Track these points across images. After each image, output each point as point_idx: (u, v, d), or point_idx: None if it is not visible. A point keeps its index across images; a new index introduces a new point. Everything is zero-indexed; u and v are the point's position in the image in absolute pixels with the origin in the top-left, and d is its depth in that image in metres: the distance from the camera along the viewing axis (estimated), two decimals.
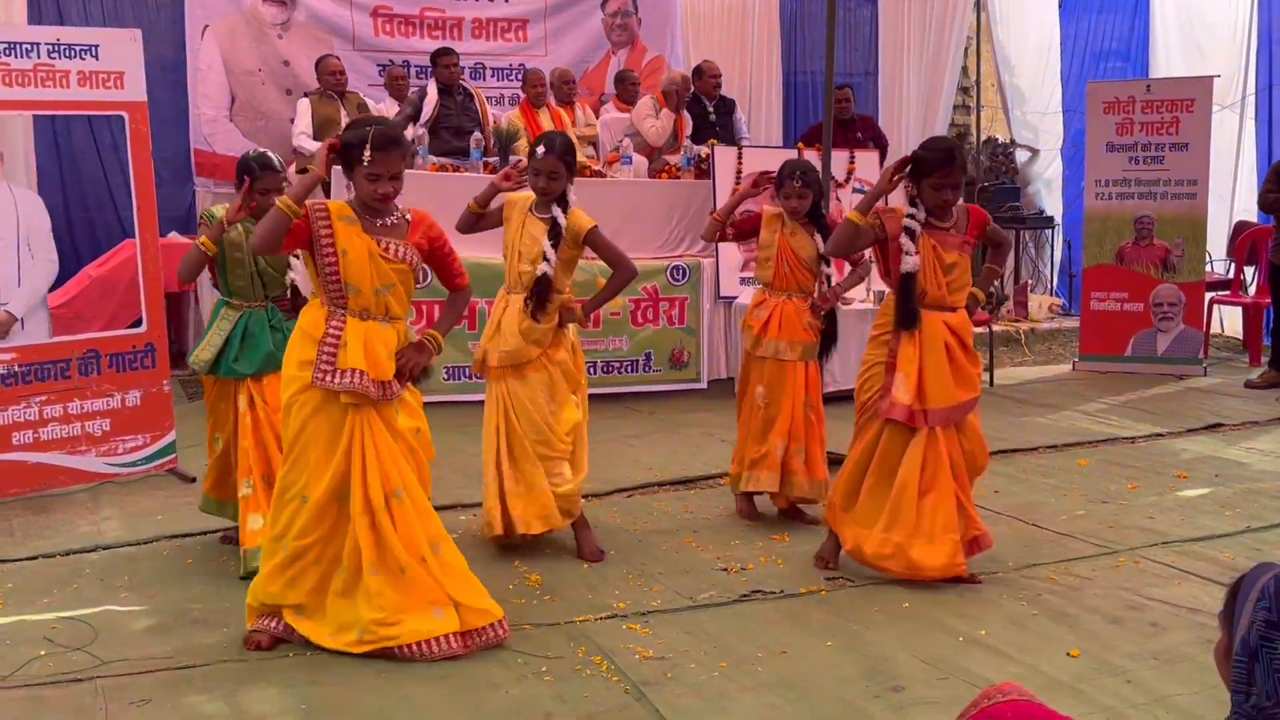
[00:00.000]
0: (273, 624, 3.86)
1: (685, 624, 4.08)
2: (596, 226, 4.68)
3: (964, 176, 4.43)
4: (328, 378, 3.70)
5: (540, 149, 4.59)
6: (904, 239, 4.35)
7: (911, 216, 4.37)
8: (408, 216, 3.89)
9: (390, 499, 3.77)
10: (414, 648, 3.73)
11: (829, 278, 5.23)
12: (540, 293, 4.60)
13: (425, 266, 4.01)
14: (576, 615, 4.13)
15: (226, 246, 4.54)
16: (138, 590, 4.38)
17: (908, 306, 4.38)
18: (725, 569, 4.65)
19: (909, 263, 4.34)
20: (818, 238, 5.16)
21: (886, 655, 3.83)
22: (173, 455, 5.90)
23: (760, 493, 5.32)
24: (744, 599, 4.33)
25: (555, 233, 4.60)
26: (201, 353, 4.57)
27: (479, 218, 4.78)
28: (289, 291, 4.70)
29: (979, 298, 4.59)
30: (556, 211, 4.61)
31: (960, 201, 4.51)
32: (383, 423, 3.80)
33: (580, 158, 8.61)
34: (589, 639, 3.92)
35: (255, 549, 4.29)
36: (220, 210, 4.57)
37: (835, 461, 5.62)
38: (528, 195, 4.72)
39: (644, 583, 4.48)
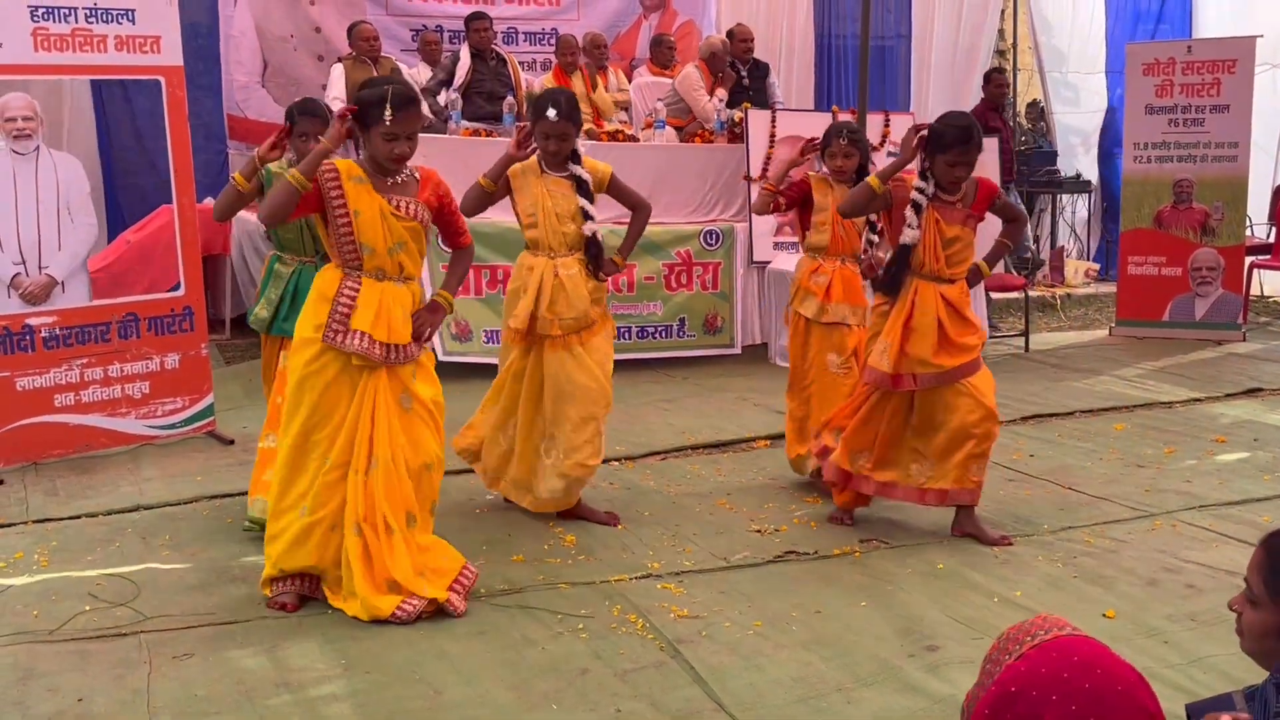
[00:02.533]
0: (292, 584, 3.86)
1: (719, 584, 4.10)
2: (613, 171, 4.67)
3: (979, 154, 4.39)
4: (338, 337, 3.70)
5: (551, 112, 4.44)
6: (908, 211, 4.36)
7: (920, 190, 4.36)
8: (415, 174, 3.88)
9: (386, 462, 3.76)
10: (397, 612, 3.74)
11: (873, 243, 5.11)
12: (597, 251, 4.57)
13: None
14: (612, 575, 4.16)
15: None
16: (178, 549, 4.44)
17: (896, 275, 4.45)
18: (759, 530, 4.67)
19: (908, 235, 4.38)
20: None
21: (921, 615, 3.83)
22: (211, 418, 5.96)
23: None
24: (778, 560, 4.35)
25: (584, 188, 4.55)
26: (260, 310, 4.58)
27: (490, 196, 4.61)
28: None
29: (984, 271, 4.58)
30: (574, 168, 4.56)
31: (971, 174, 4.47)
32: (395, 385, 3.79)
33: (614, 123, 8.62)
34: (624, 598, 3.94)
35: (261, 499, 4.31)
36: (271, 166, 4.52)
37: None
38: (530, 160, 4.59)
39: (678, 544, 4.50)
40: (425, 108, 7.83)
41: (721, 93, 8.65)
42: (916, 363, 4.41)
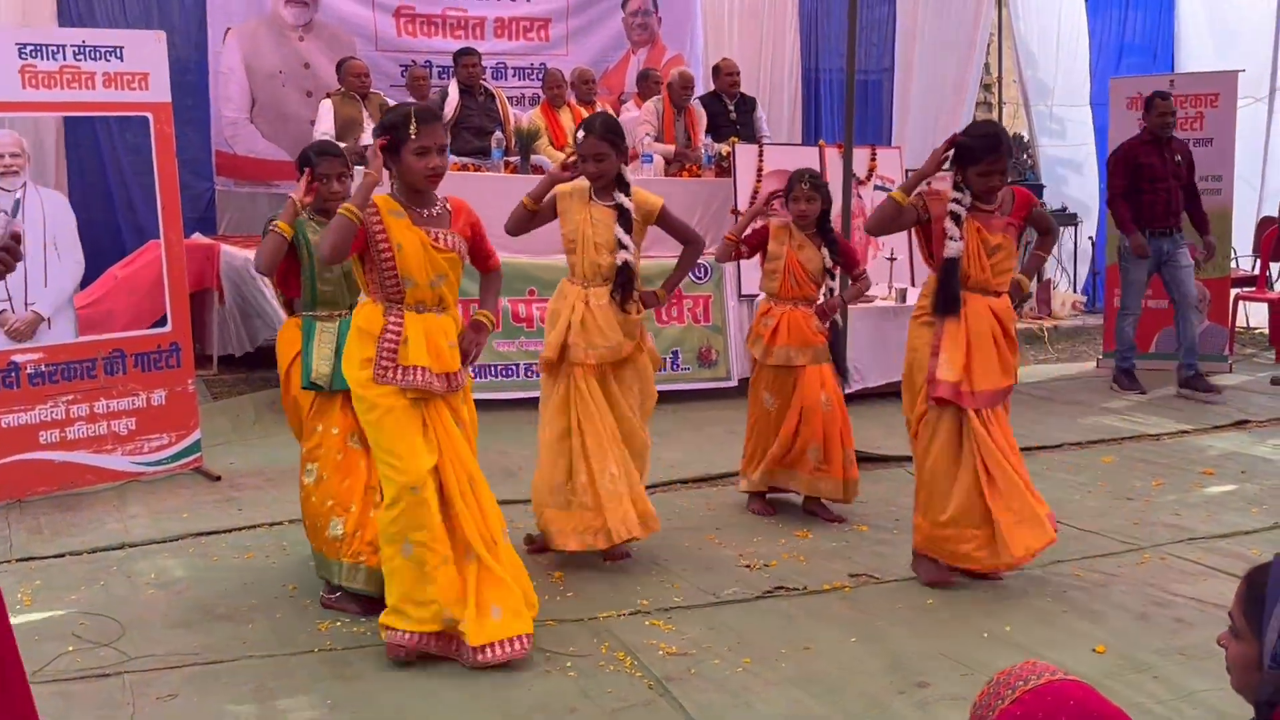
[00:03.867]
0: (404, 638, 3.71)
1: (708, 620, 4.08)
2: (665, 203, 4.64)
3: (1010, 161, 4.38)
4: (389, 374, 3.66)
5: (580, 133, 4.49)
6: (948, 223, 4.29)
7: (957, 201, 4.31)
8: (447, 205, 3.88)
9: (464, 491, 3.73)
10: (478, 652, 3.63)
11: (833, 290, 5.26)
12: (625, 282, 4.54)
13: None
14: (600, 612, 4.13)
15: (312, 249, 4.27)
16: (164, 587, 4.41)
17: (948, 291, 4.31)
18: (748, 565, 4.65)
19: (952, 248, 4.28)
20: (824, 251, 5.18)
21: (911, 651, 3.82)
22: (198, 454, 5.94)
23: (777, 491, 5.36)
24: (767, 595, 4.33)
25: (625, 218, 4.51)
26: (320, 367, 4.21)
27: (533, 215, 4.62)
28: None
29: (1024, 286, 4.53)
30: (620, 196, 4.52)
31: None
32: (450, 413, 3.77)
33: None
34: (613, 635, 3.92)
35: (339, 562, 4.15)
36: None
37: (864, 459, 5.63)
38: (580, 184, 4.58)
39: (667, 579, 4.48)
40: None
41: (650, 124, 8.70)
42: (980, 378, 4.30)
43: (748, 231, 5.35)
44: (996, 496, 4.27)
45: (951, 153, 4.30)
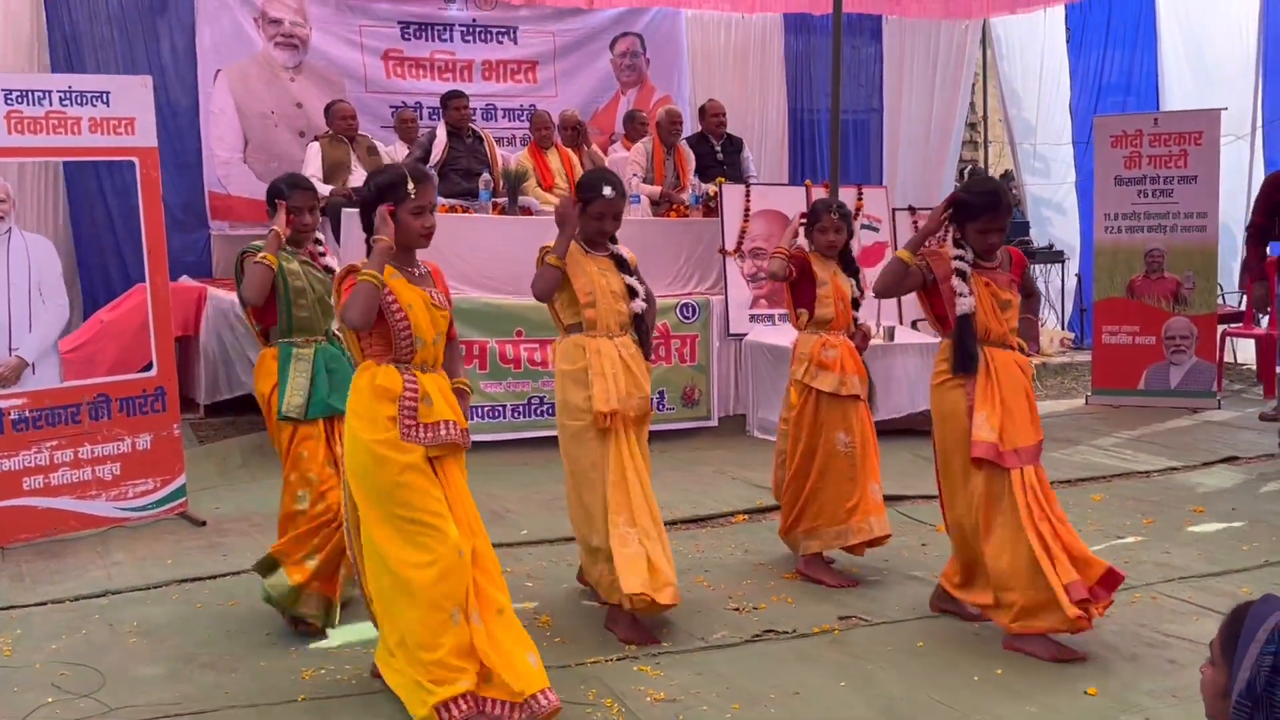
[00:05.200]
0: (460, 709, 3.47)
1: (697, 665, 4.04)
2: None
3: (1010, 219, 4.34)
4: (413, 432, 3.58)
5: (608, 190, 4.37)
6: (955, 280, 4.22)
7: (960, 258, 4.26)
8: (426, 268, 3.86)
9: (482, 546, 3.66)
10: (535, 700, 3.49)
11: (857, 320, 5.13)
12: (644, 328, 4.50)
13: None
14: (587, 657, 4.09)
15: (287, 277, 4.38)
16: (147, 635, 4.36)
17: (967, 349, 4.20)
18: (737, 608, 4.62)
19: (964, 304, 4.19)
20: (852, 280, 5.10)
21: (901, 695, 3.78)
22: (183, 499, 5.90)
23: (865, 544, 5.00)
24: (756, 639, 4.29)
25: (625, 267, 4.48)
26: (293, 398, 4.32)
27: (561, 276, 4.38)
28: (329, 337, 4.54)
29: (1023, 349, 4.41)
30: (614, 246, 4.50)
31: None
32: (456, 469, 3.71)
33: None
34: (600, 681, 3.88)
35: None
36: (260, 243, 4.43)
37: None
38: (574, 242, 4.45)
39: (654, 623, 4.44)
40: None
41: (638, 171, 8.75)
42: (1015, 435, 4.16)
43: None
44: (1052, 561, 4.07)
45: (950, 211, 4.27)
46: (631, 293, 4.45)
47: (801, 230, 5.16)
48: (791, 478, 5.03)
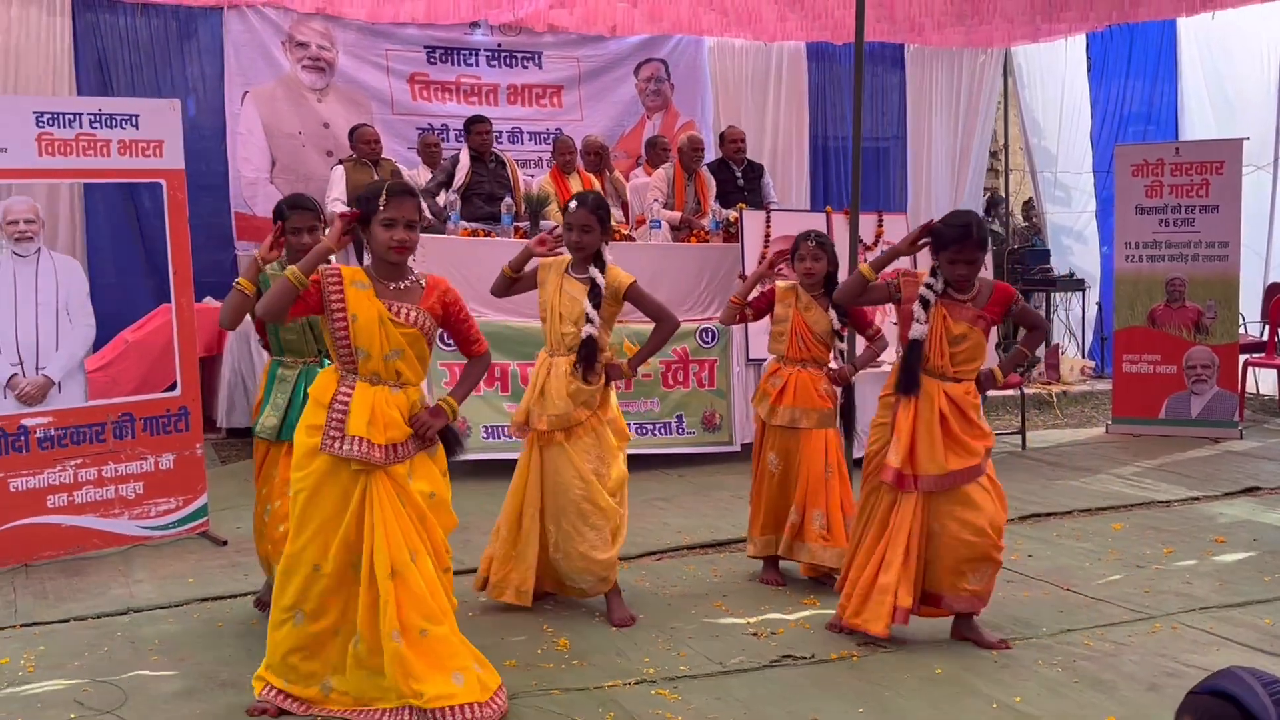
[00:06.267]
0: (274, 695, 3.81)
1: (715, 689, 4.04)
2: (635, 281, 4.73)
3: (983, 254, 4.39)
4: (335, 444, 3.68)
5: (573, 204, 4.69)
6: (916, 306, 4.38)
7: (929, 286, 4.38)
8: (422, 281, 3.89)
9: (402, 565, 3.70)
10: (438, 714, 3.64)
11: (843, 352, 5.32)
12: (587, 354, 4.62)
13: (442, 331, 4.00)
14: (605, 680, 4.10)
15: None
16: (168, 653, 4.38)
17: (909, 372, 4.41)
18: (755, 634, 4.61)
19: (916, 330, 4.38)
20: (832, 312, 5.18)
21: None
22: (205, 518, 5.93)
23: (782, 558, 5.33)
24: (774, 664, 4.29)
25: (595, 293, 4.63)
26: (267, 419, 4.48)
27: (513, 281, 4.83)
28: None
29: (997, 377, 4.48)
30: (594, 271, 4.65)
31: (991, 278, 4.50)
32: (393, 486, 3.75)
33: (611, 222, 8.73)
34: (618, 704, 3.89)
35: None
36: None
37: None
38: (563, 258, 4.77)
39: (673, 647, 4.45)
40: (425, 208, 7.93)
41: (660, 198, 8.78)
42: (923, 462, 4.37)
43: (754, 294, 5.36)
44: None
45: (926, 237, 4.38)
46: (588, 319, 4.64)
47: (787, 264, 5.42)
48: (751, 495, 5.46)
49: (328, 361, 4.48)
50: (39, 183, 5.75)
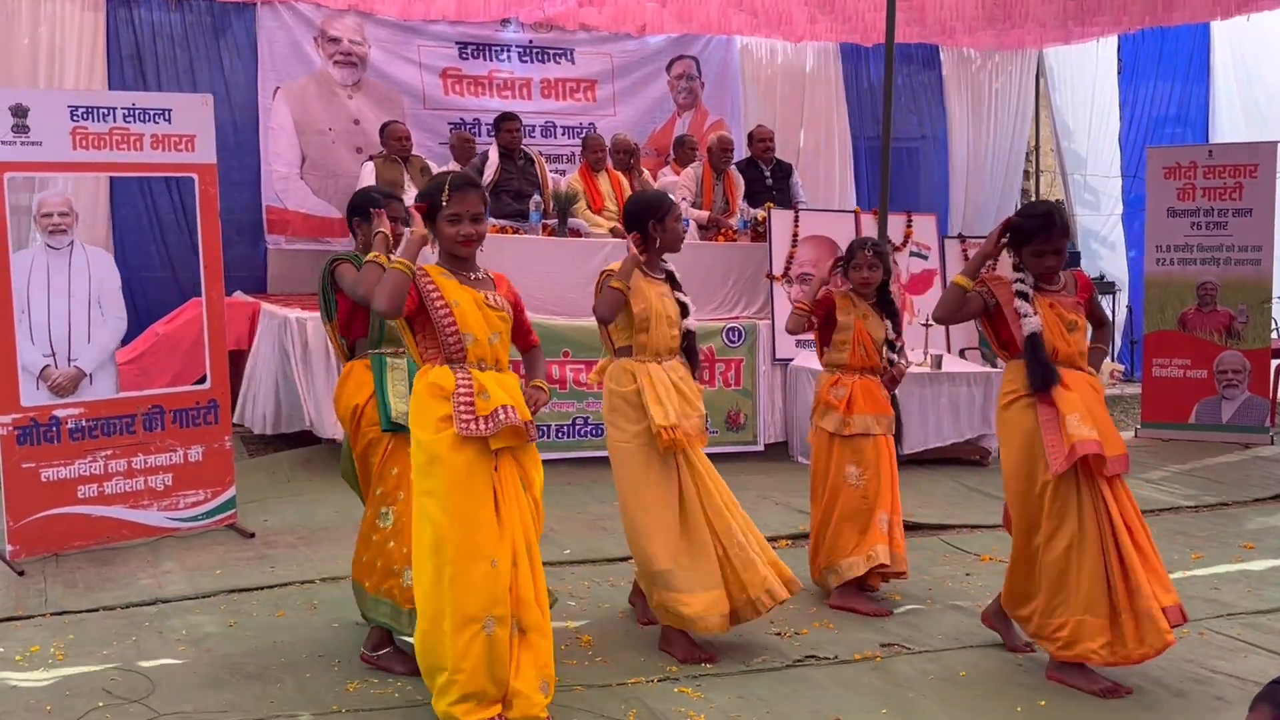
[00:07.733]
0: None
1: (738, 688, 4.04)
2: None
3: (1066, 241, 4.26)
4: (472, 424, 3.55)
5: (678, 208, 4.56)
6: (1018, 302, 4.17)
7: (1021, 280, 4.22)
8: (489, 274, 3.87)
9: (520, 559, 3.61)
10: None
11: (893, 361, 5.12)
12: (693, 349, 4.57)
13: None
14: (629, 677, 4.11)
15: None
16: (195, 644, 4.42)
17: (1041, 366, 4.09)
18: (779, 633, 4.61)
19: (1030, 324, 4.12)
20: (888, 321, 5.10)
21: None
22: (233, 511, 5.98)
23: (879, 572, 5.01)
24: (798, 664, 4.29)
25: (675, 283, 4.57)
26: (399, 405, 4.14)
27: (624, 299, 4.41)
28: None
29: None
30: (665, 263, 4.59)
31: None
32: (518, 473, 3.68)
33: None
34: (641, 702, 3.89)
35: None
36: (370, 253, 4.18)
37: (910, 528, 5.53)
38: (629, 264, 4.43)
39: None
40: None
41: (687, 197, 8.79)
42: (1111, 442, 4.05)
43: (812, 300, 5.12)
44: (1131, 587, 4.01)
45: (1007, 235, 4.23)
46: (684, 311, 4.51)
47: (840, 272, 5.17)
48: (813, 511, 5.13)
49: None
50: (73, 176, 5.81)
